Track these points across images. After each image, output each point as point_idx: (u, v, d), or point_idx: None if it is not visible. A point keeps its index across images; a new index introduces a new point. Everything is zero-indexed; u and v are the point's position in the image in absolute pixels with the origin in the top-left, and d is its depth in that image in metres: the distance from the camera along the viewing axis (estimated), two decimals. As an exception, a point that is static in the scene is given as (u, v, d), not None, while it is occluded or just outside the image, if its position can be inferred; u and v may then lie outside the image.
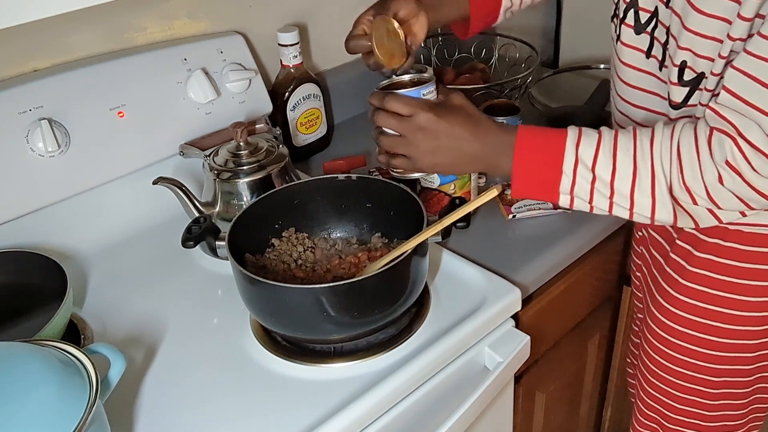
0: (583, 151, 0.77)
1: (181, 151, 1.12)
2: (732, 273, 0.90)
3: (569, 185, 0.78)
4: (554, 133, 0.80)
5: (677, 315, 0.96)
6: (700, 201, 0.75)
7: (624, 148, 0.76)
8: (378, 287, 0.83)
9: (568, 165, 0.78)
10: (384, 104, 0.83)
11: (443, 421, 0.85)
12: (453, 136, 0.81)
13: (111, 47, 1.14)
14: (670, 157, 0.75)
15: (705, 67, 0.77)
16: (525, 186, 0.81)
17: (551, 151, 0.78)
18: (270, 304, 0.84)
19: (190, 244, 0.89)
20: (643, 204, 0.77)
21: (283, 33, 1.24)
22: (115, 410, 0.78)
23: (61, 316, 0.83)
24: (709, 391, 0.98)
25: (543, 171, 0.79)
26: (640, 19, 0.86)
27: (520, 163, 0.80)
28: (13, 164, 0.99)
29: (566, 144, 0.78)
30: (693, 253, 0.92)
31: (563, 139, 0.78)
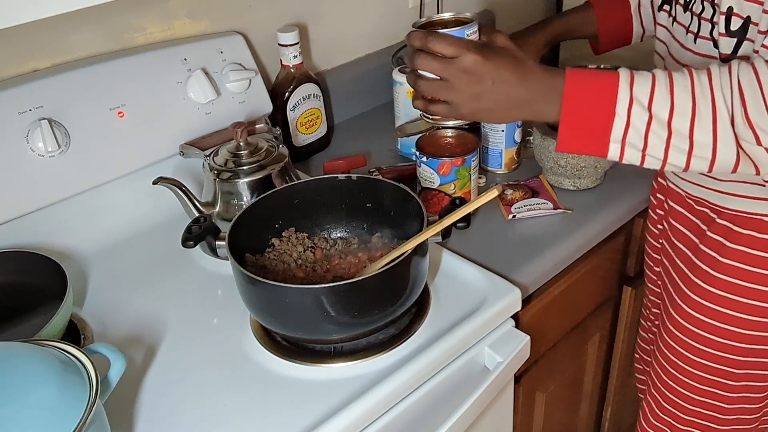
0: (639, 89, 0.71)
1: (181, 151, 1.12)
2: (766, 266, 0.89)
3: (622, 130, 0.72)
4: (605, 74, 0.73)
5: (708, 307, 0.95)
6: (764, 139, 0.70)
7: (681, 85, 0.71)
8: (378, 287, 0.82)
9: (621, 105, 0.72)
10: (426, 44, 0.75)
11: (443, 421, 0.85)
12: (499, 79, 0.75)
13: (111, 47, 1.14)
14: (731, 90, 0.70)
15: (751, 11, 0.75)
16: (573, 134, 0.75)
17: (604, 91, 0.72)
18: (270, 304, 0.84)
19: (190, 244, 0.89)
20: (704, 143, 0.71)
21: (283, 33, 1.24)
22: (115, 410, 0.78)
23: (61, 316, 0.83)
24: (730, 383, 0.98)
25: (594, 115, 0.73)
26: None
27: (570, 107, 0.74)
28: (13, 164, 0.99)
29: (619, 83, 0.72)
30: (726, 244, 0.92)
31: (616, 79, 0.72)
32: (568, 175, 1.17)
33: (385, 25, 1.51)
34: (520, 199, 1.15)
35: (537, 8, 1.83)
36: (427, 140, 1.15)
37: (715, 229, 0.94)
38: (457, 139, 1.16)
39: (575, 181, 1.18)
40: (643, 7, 1.09)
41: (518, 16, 1.77)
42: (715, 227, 0.94)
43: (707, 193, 0.95)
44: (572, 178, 1.18)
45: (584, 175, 1.17)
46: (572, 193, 1.19)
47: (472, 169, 1.12)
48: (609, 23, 1.10)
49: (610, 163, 1.17)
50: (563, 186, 1.19)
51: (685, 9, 0.89)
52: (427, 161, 1.11)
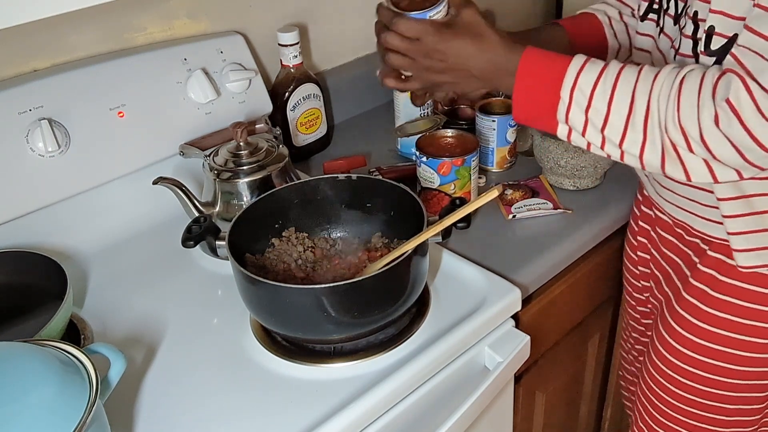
0: (584, 76, 0.75)
1: (181, 151, 1.12)
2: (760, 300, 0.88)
3: (565, 111, 0.76)
4: (560, 58, 0.78)
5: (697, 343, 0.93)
6: (694, 145, 0.71)
7: (626, 80, 0.74)
8: (378, 287, 0.82)
9: (565, 89, 0.76)
10: (391, 25, 0.81)
11: (443, 421, 0.85)
12: (460, 55, 0.80)
13: (111, 47, 1.14)
14: (669, 92, 0.72)
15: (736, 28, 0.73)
16: (523, 109, 0.80)
17: (552, 74, 0.77)
18: (270, 304, 0.84)
19: (190, 244, 0.89)
20: (634, 140, 0.74)
21: (283, 33, 1.24)
22: (115, 410, 0.78)
23: (61, 316, 0.83)
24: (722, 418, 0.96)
25: (541, 93, 0.78)
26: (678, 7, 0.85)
27: (521, 85, 0.78)
28: (13, 164, 0.99)
29: (568, 68, 0.76)
30: (718, 278, 0.90)
31: (566, 64, 0.76)
32: (568, 175, 1.17)
33: (385, 25, 1.51)
34: (520, 199, 1.15)
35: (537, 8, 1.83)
36: (427, 140, 1.15)
37: (707, 263, 0.92)
38: (457, 140, 1.16)
39: (575, 181, 1.18)
40: (616, 21, 1.05)
41: (518, 15, 1.78)
42: (707, 260, 0.92)
43: (693, 219, 0.93)
44: (572, 178, 1.18)
45: (584, 175, 1.17)
46: (572, 193, 1.19)
47: (472, 169, 1.12)
48: (581, 40, 1.04)
49: (610, 163, 1.17)
50: (563, 186, 1.19)
51: (675, 21, 0.87)
52: (427, 161, 1.11)
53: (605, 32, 1.05)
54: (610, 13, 1.06)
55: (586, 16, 1.06)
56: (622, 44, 1.06)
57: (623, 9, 1.06)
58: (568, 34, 1.03)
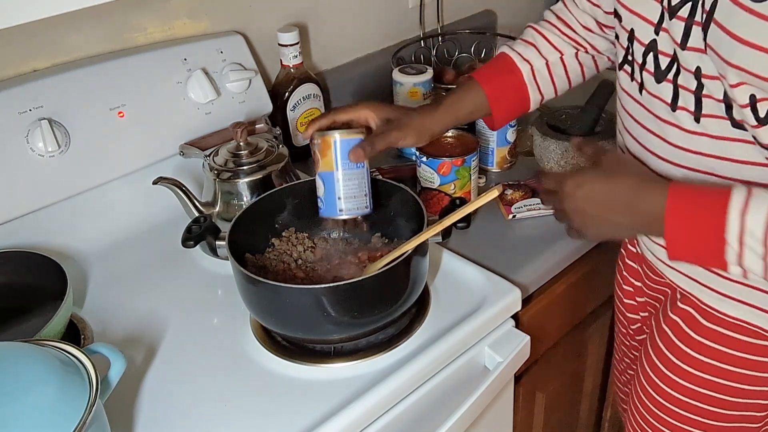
0: (752, 218, 0.65)
1: (181, 151, 1.12)
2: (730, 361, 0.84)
3: (736, 257, 0.68)
4: (713, 194, 0.69)
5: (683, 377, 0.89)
6: None
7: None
8: (378, 287, 0.83)
9: (732, 234, 0.67)
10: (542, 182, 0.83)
11: (443, 421, 0.85)
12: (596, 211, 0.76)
13: (111, 47, 1.13)
14: None
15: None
16: (683, 254, 0.72)
17: (711, 217, 0.68)
18: (270, 304, 0.84)
19: (190, 244, 0.89)
20: None
21: (283, 33, 1.24)
22: (115, 410, 0.78)
23: (61, 316, 0.83)
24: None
25: (701, 239, 0.69)
26: (660, 65, 0.77)
27: (673, 236, 0.70)
28: (13, 164, 0.99)
29: (729, 210, 0.67)
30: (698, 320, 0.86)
31: (725, 204, 0.67)
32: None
33: (385, 25, 1.51)
34: (520, 199, 1.15)
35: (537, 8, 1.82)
36: (427, 140, 1.15)
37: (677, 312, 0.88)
38: (457, 140, 1.16)
39: (575, 181, 1.18)
40: (539, 73, 0.99)
41: (519, 15, 1.78)
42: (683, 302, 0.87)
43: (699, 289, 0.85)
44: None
45: (584, 175, 1.16)
46: (572, 193, 1.18)
47: (472, 169, 1.12)
48: (501, 101, 0.98)
49: (610, 163, 1.17)
50: (563, 186, 1.19)
51: (658, 80, 0.77)
52: (427, 161, 1.11)
53: (526, 85, 0.99)
54: (536, 65, 0.98)
55: (506, 70, 0.99)
56: (545, 95, 1.01)
57: (565, 48, 0.99)
58: (487, 96, 0.97)
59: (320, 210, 0.91)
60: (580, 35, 1.00)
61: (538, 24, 1.02)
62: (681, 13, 0.72)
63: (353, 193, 0.87)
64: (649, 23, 0.77)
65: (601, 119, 1.20)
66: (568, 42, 1.00)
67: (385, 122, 0.92)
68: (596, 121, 1.20)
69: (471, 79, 0.99)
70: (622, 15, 0.81)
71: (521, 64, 0.99)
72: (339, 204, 0.88)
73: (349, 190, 0.87)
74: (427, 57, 1.54)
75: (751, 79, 0.65)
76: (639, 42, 0.79)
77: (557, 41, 1.00)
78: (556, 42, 1.00)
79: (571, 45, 1.00)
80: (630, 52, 0.81)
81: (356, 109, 0.92)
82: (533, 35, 1.01)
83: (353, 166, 0.86)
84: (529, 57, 0.99)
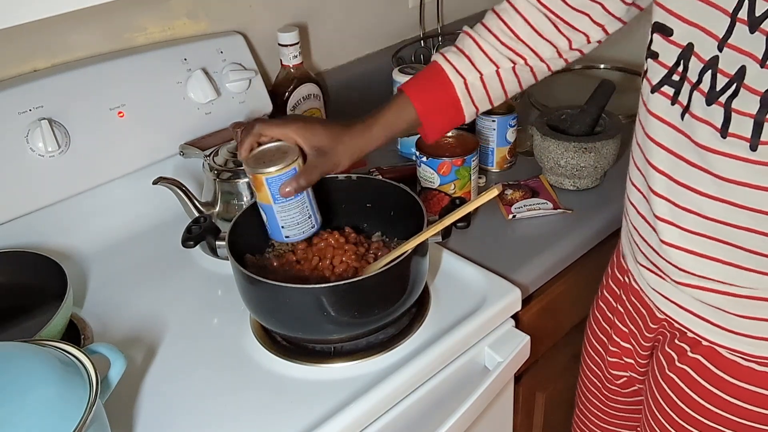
0: None
1: (181, 151, 1.12)
2: None
3: None
4: None
5: None
6: None
7: None
8: (378, 287, 0.83)
9: None
10: None
11: (443, 421, 0.85)
12: None
13: (111, 47, 1.13)
14: None
15: None
16: None
17: None
18: (270, 304, 0.84)
19: (190, 244, 0.89)
20: None
21: (283, 33, 1.24)
22: (115, 410, 0.78)
23: (61, 316, 0.83)
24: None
25: None
26: (716, 85, 0.68)
27: None
28: (13, 164, 0.99)
29: None
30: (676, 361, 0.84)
31: None
32: (568, 175, 1.17)
33: (385, 25, 1.51)
34: (520, 199, 1.15)
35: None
36: (427, 140, 1.15)
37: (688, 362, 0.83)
38: (457, 140, 1.16)
39: (575, 181, 1.18)
40: (473, 86, 0.93)
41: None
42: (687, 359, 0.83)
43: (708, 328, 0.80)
44: (572, 178, 1.18)
45: (584, 175, 1.17)
46: (572, 193, 1.19)
47: (472, 169, 1.12)
48: (433, 117, 0.94)
49: (610, 163, 1.17)
50: (563, 186, 1.19)
51: (709, 102, 0.68)
52: (427, 161, 1.11)
53: (459, 99, 0.93)
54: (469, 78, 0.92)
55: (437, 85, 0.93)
56: (480, 108, 0.96)
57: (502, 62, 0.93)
58: (416, 111, 0.93)
59: (268, 232, 0.90)
60: (523, 42, 0.92)
61: (475, 29, 0.94)
62: (764, 26, 0.63)
63: (296, 221, 0.87)
64: (714, 37, 0.67)
65: (601, 119, 1.20)
66: (506, 54, 0.93)
67: (318, 151, 0.86)
68: (596, 121, 1.20)
69: (402, 94, 0.94)
70: (676, 28, 0.71)
71: (454, 77, 0.93)
72: (284, 232, 0.88)
73: (290, 220, 0.87)
74: (427, 57, 1.54)
75: None
76: (698, 58, 0.69)
77: (493, 53, 0.93)
78: (492, 54, 0.93)
79: (507, 58, 0.93)
80: (679, 71, 0.72)
81: (284, 129, 0.85)
82: (469, 45, 0.94)
83: (289, 198, 0.85)
84: (461, 69, 0.93)
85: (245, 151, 0.86)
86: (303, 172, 0.85)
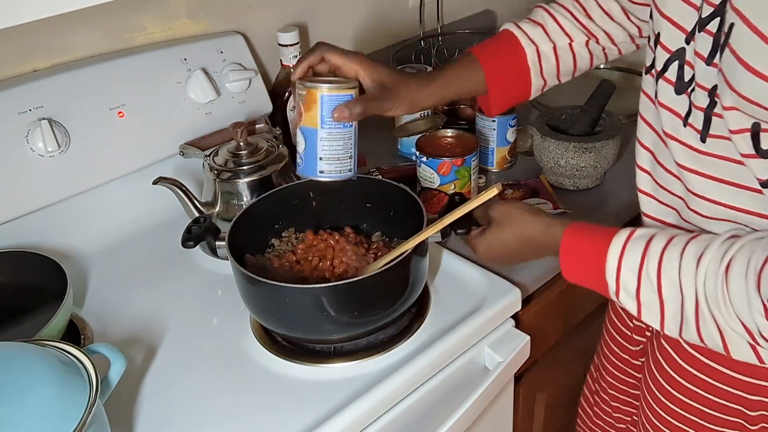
0: (626, 263, 0.71)
1: (181, 151, 1.12)
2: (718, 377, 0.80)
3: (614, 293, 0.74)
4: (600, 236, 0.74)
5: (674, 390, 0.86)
6: (759, 340, 0.64)
7: (669, 267, 0.68)
8: (378, 287, 0.83)
9: (610, 275, 0.73)
10: None
11: (443, 421, 0.85)
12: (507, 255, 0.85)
13: (111, 47, 1.14)
14: (716, 286, 0.65)
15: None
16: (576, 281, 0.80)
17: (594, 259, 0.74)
18: (270, 304, 0.84)
19: (190, 244, 0.89)
20: (689, 332, 0.70)
21: (283, 33, 1.24)
22: (115, 410, 0.78)
23: (61, 316, 0.83)
24: None
25: (589, 274, 0.77)
26: (684, 76, 0.71)
27: (566, 265, 0.79)
28: (13, 164, 0.99)
29: (608, 253, 0.73)
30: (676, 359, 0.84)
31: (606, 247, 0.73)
32: (568, 175, 1.17)
33: (385, 25, 1.51)
34: (520, 199, 1.15)
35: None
36: (427, 140, 1.15)
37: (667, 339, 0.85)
38: (457, 139, 1.16)
39: (575, 181, 1.18)
40: (545, 56, 0.92)
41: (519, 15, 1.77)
42: None
43: None
44: (572, 178, 1.18)
45: (584, 175, 1.17)
46: (572, 193, 1.19)
47: (472, 169, 1.12)
48: (500, 84, 0.92)
49: (610, 163, 1.17)
50: (563, 186, 1.19)
51: (678, 92, 0.72)
52: (427, 161, 1.11)
53: (528, 68, 0.93)
54: (542, 48, 0.93)
55: (509, 50, 0.93)
56: (548, 82, 0.96)
57: (576, 35, 0.93)
58: (485, 73, 0.91)
59: (298, 167, 0.83)
60: (595, 23, 0.93)
61: (549, 5, 0.94)
62: (710, 27, 0.66)
63: (337, 154, 0.80)
64: (682, 30, 0.70)
65: (601, 119, 1.20)
66: (581, 29, 0.93)
67: (379, 86, 0.83)
68: (596, 121, 1.20)
69: (470, 55, 0.92)
70: (654, 17, 0.75)
71: (527, 44, 0.92)
72: (319, 165, 0.80)
73: (332, 151, 0.79)
74: (427, 57, 1.54)
75: (746, 106, 0.62)
76: (664, 48, 0.73)
77: (569, 26, 0.93)
78: (567, 27, 0.93)
79: (583, 32, 0.93)
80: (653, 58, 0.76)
81: (349, 58, 0.82)
82: (543, 16, 0.94)
83: (339, 125, 0.78)
84: (535, 38, 0.92)
85: (301, 72, 0.82)
86: (360, 100, 0.81)
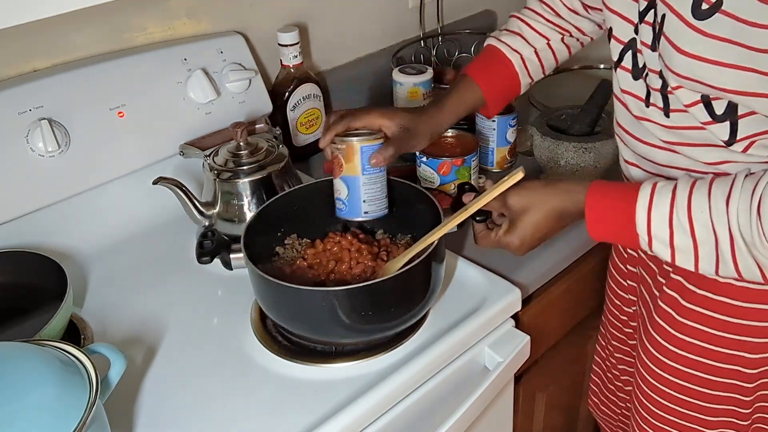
0: (656, 213, 0.74)
1: (181, 151, 1.12)
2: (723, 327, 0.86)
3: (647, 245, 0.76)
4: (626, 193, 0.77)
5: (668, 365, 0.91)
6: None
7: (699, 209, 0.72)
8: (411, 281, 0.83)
9: (641, 228, 0.76)
10: None
11: (443, 421, 0.85)
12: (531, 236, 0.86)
13: (111, 47, 1.14)
14: (749, 219, 0.69)
15: None
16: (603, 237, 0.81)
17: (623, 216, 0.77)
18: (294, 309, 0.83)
19: (206, 260, 0.89)
20: (726, 269, 0.73)
21: (283, 33, 1.24)
22: (115, 410, 0.78)
23: (61, 316, 0.83)
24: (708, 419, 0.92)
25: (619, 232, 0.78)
26: (638, 63, 0.81)
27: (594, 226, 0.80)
28: (13, 164, 0.99)
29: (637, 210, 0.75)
30: (681, 303, 0.88)
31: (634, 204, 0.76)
32: (568, 175, 1.17)
33: (385, 25, 1.51)
34: (520, 199, 1.15)
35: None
36: (427, 140, 1.15)
37: (672, 285, 0.89)
38: (457, 139, 1.16)
39: (575, 181, 1.18)
40: (529, 60, 1.03)
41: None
42: (671, 283, 0.90)
43: None
44: (572, 178, 1.18)
45: (584, 175, 1.17)
46: (572, 193, 1.18)
47: (472, 169, 1.12)
48: (496, 93, 1.03)
49: (610, 163, 1.17)
50: (563, 186, 1.19)
51: (635, 77, 0.81)
52: (427, 161, 1.11)
53: (517, 74, 1.03)
54: (524, 53, 1.02)
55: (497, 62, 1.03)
56: (534, 78, 1.05)
57: (551, 34, 1.03)
58: (481, 90, 1.01)
59: (340, 211, 0.94)
60: (565, 19, 1.03)
61: (521, 13, 1.05)
62: (647, 18, 0.76)
63: (377, 195, 0.92)
64: (629, 22, 0.80)
65: (601, 119, 1.20)
66: (553, 28, 1.03)
67: (402, 129, 0.93)
68: (596, 121, 1.20)
69: (465, 77, 1.02)
70: (605, 13, 0.85)
71: (511, 54, 1.02)
72: (364, 207, 0.92)
73: (372, 194, 0.91)
74: (427, 57, 1.54)
75: (688, 84, 0.71)
76: (617, 40, 0.83)
77: (542, 28, 1.03)
78: (541, 29, 1.03)
79: (556, 30, 1.03)
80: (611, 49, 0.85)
81: (370, 116, 0.93)
82: (518, 25, 1.04)
83: (376, 170, 0.91)
84: (517, 47, 1.02)
85: (329, 139, 0.91)
86: (389, 143, 0.91)
